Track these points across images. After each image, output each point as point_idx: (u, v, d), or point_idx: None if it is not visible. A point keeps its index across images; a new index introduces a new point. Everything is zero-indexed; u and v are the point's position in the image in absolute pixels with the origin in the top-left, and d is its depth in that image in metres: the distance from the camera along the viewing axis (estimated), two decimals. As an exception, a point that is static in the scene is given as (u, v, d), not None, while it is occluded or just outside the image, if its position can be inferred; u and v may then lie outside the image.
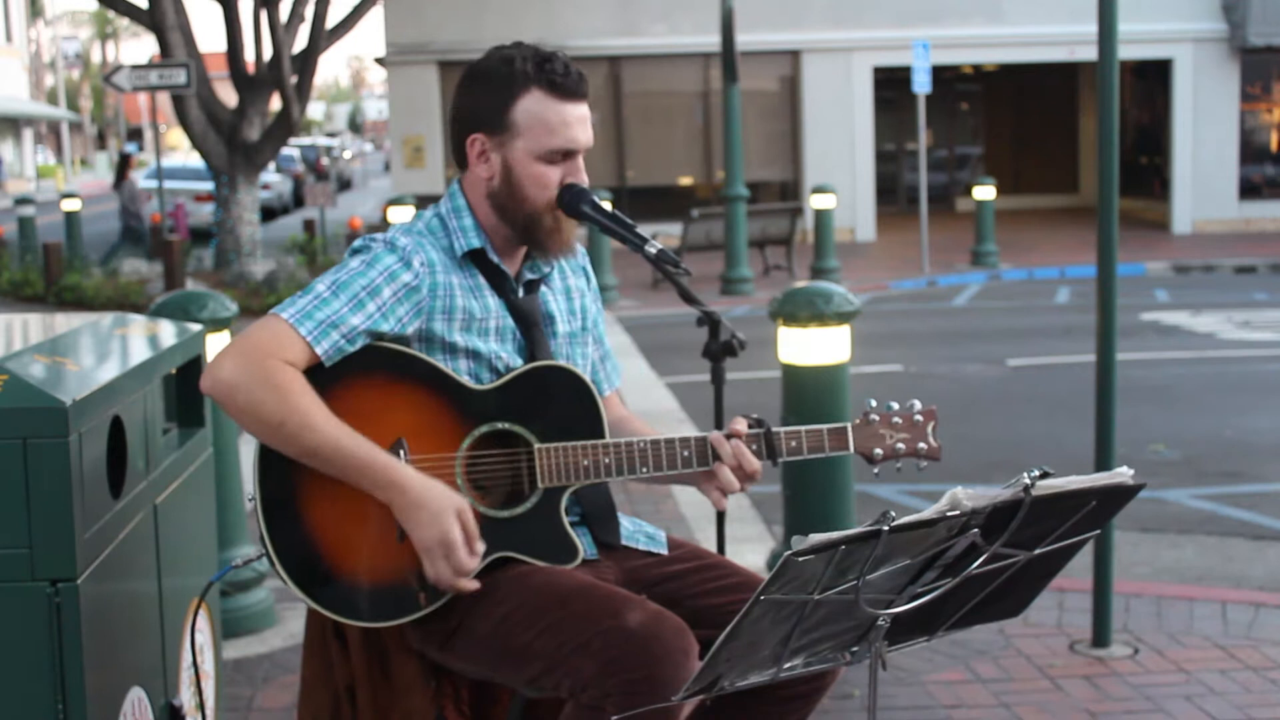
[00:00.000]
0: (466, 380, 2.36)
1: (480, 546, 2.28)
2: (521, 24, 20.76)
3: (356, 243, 2.41)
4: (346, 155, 47.51)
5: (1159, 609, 4.56)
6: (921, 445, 2.48)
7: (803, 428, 2.45)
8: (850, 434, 2.45)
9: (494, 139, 2.41)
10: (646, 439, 2.40)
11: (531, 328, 2.45)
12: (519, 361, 2.42)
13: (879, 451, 2.46)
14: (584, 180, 2.43)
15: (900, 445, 2.47)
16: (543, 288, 2.53)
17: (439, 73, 21.46)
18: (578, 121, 2.40)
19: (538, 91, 2.37)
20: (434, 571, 2.25)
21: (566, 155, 2.40)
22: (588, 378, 2.45)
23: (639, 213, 18.95)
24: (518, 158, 2.40)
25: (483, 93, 2.42)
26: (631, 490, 6.26)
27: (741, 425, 2.41)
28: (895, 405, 2.48)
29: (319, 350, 2.25)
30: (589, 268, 2.67)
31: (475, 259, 2.44)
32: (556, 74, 2.37)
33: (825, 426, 2.46)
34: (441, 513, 2.22)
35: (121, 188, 18.62)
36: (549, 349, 2.47)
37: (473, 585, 2.27)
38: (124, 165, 19.11)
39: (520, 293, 2.48)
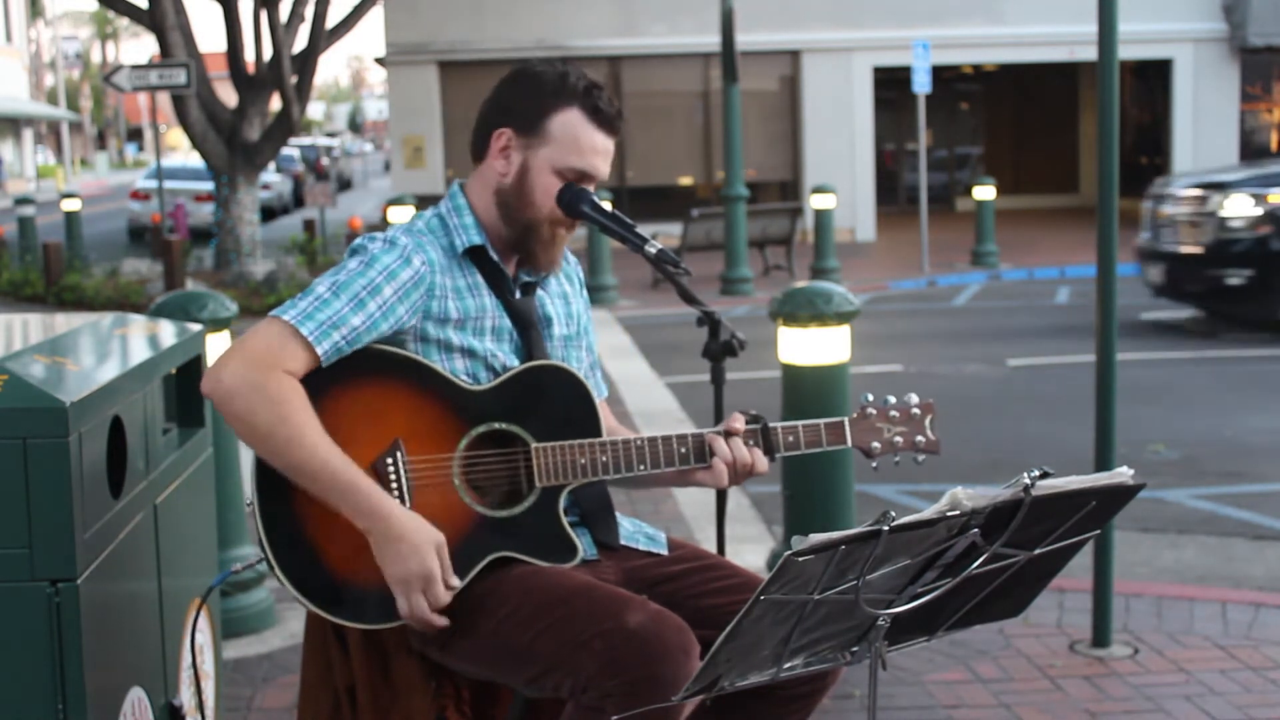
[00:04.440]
0: (463, 381, 2.36)
1: (455, 582, 2.26)
2: (522, 24, 20.77)
3: (355, 243, 2.41)
4: (336, 151, 47.82)
5: (1159, 609, 4.56)
6: (919, 439, 2.49)
7: (800, 423, 2.46)
8: (847, 428, 2.47)
9: (522, 139, 2.42)
10: (643, 437, 2.40)
11: (528, 329, 2.45)
12: (515, 362, 2.42)
13: (876, 445, 2.48)
14: None
15: (898, 439, 2.48)
16: (539, 291, 2.53)
17: (439, 73, 21.46)
18: (605, 153, 2.44)
19: (580, 110, 2.41)
20: (409, 606, 2.23)
21: (581, 178, 2.42)
22: (583, 377, 2.45)
23: (639, 213, 18.96)
24: (539, 164, 2.41)
25: (528, 93, 2.43)
26: (632, 489, 6.25)
27: (739, 421, 2.42)
28: (892, 399, 2.49)
29: (319, 351, 2.25)
30: (580, 274, 2.69)
31: (475, 257, 2.44)
32: (601, 102, 2.42)
33: (822, 421, 2.47)
34: (424, 544, 2.21)
35: None
36: (546, 350, 2.47)
37: (443, 622, 2.25)
38: None
39: (518, 294, 2.48)
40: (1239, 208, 10.90)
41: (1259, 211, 10.83)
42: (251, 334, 2.27)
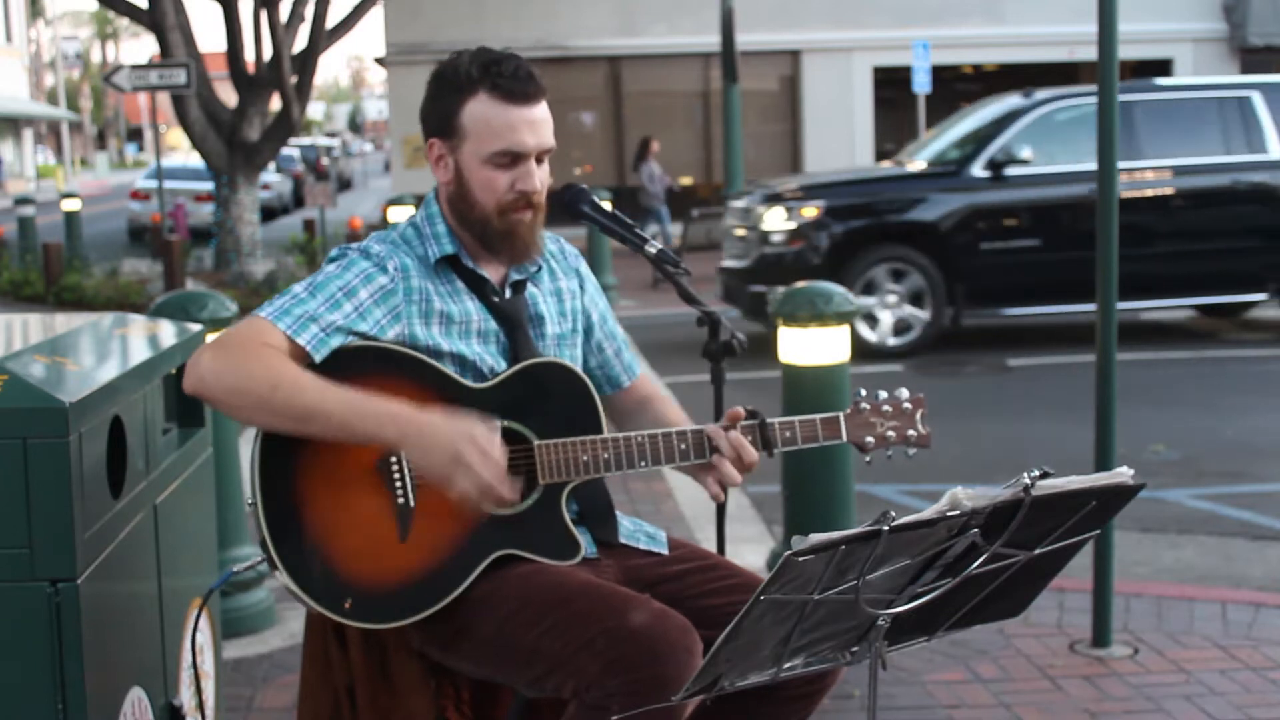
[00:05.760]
0: (463, 380, 2.36)
1: (505, 450, 2.23)
2: (521, 24, 20.77)
3: (333, 251, 2.42)
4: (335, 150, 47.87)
5: (1159, 609, 4.56)
6: (911, 433, 2.51)
7: (796, 418, 2.48)
8: (843, 423, 2.48)
9: (448, 144, 2.42)
10: (644, 433, 2.41)
11: (515, 329, 2.45)
12: (503, 363, 2.42)
13: (870, 440, 2.50)
14: (535, 184, 2.39)
15: (891, 433, 2.50)
16: (531, 288, 2.52)
17: (439, 73, 21.45)
18: (525, 124, 2.37)
19: (483, 95, 2.36)
20: (472, 483, 2.19)
21: (515, 159, 2.38)
22: (583, 373, 2.45)
23: (639, 213, 18.96)
24: (467, 162, 2.39)
25: (436, 98, 2.43)
26: (632, 490, 6.26)
27: (737, 417, 2.43)
28: (884, 394, 2.52)
29: (301, 341, 2.25)
30: (582, 268, 2.66)
31: (452, 265, 2.44)
32: (502, 76, 2.36)
33: (818, 416, 2.48)
34: (461, 422, 2.20)
35: (640, 169, 18.49)
36: (535, 349, 2.46)
37: (513, 495, 2.24)
38: (644, 149, 18.92)
39: (508, 294, 2.48)
40: (775, 221, 10.65)
41: (792, 225, 10.58)
42: (226, 330, 2.30)
